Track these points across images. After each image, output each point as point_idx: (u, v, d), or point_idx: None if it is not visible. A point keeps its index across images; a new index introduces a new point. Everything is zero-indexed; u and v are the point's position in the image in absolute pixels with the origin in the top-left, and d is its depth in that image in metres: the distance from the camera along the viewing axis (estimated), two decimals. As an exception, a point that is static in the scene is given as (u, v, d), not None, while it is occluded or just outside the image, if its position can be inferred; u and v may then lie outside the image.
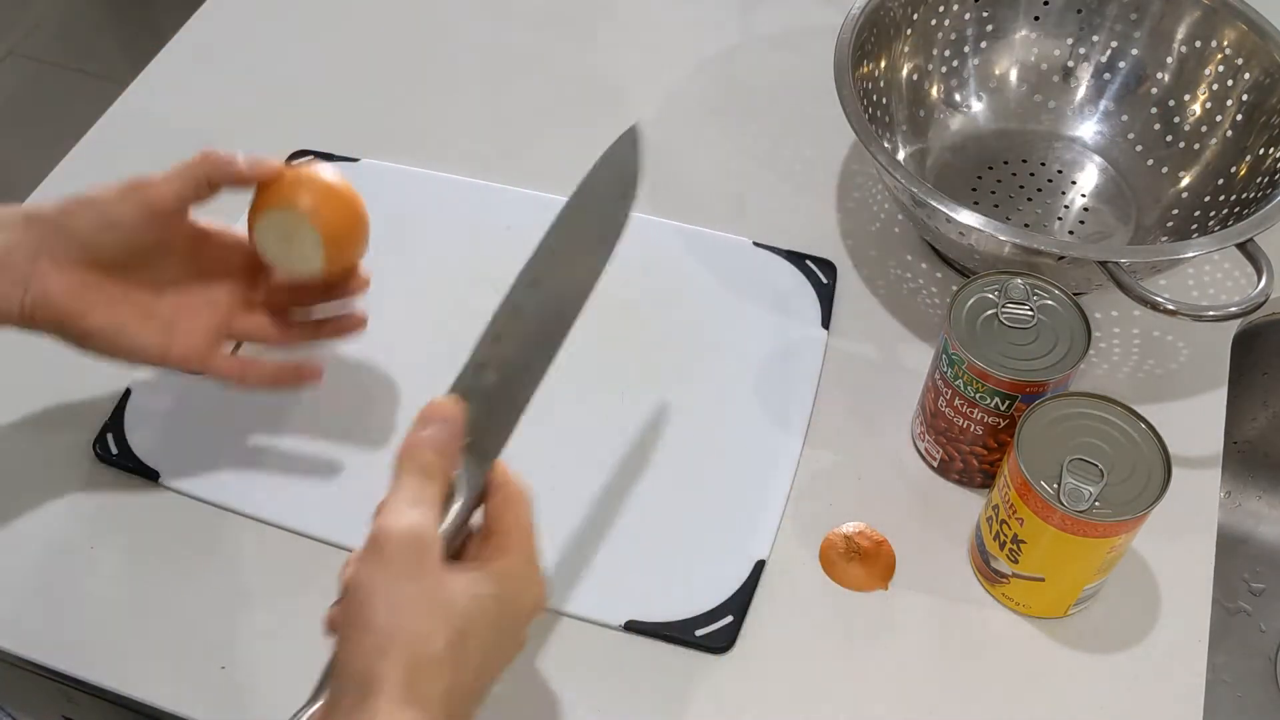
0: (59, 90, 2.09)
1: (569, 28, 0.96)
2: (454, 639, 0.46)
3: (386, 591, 0.47)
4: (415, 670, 0.45)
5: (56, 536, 0.67)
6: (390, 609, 0.46)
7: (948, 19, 0.82)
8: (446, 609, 0.47)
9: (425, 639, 0.46)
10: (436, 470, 0.51)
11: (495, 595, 0.49)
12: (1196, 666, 0.62)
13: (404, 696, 0.45)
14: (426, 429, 0.52)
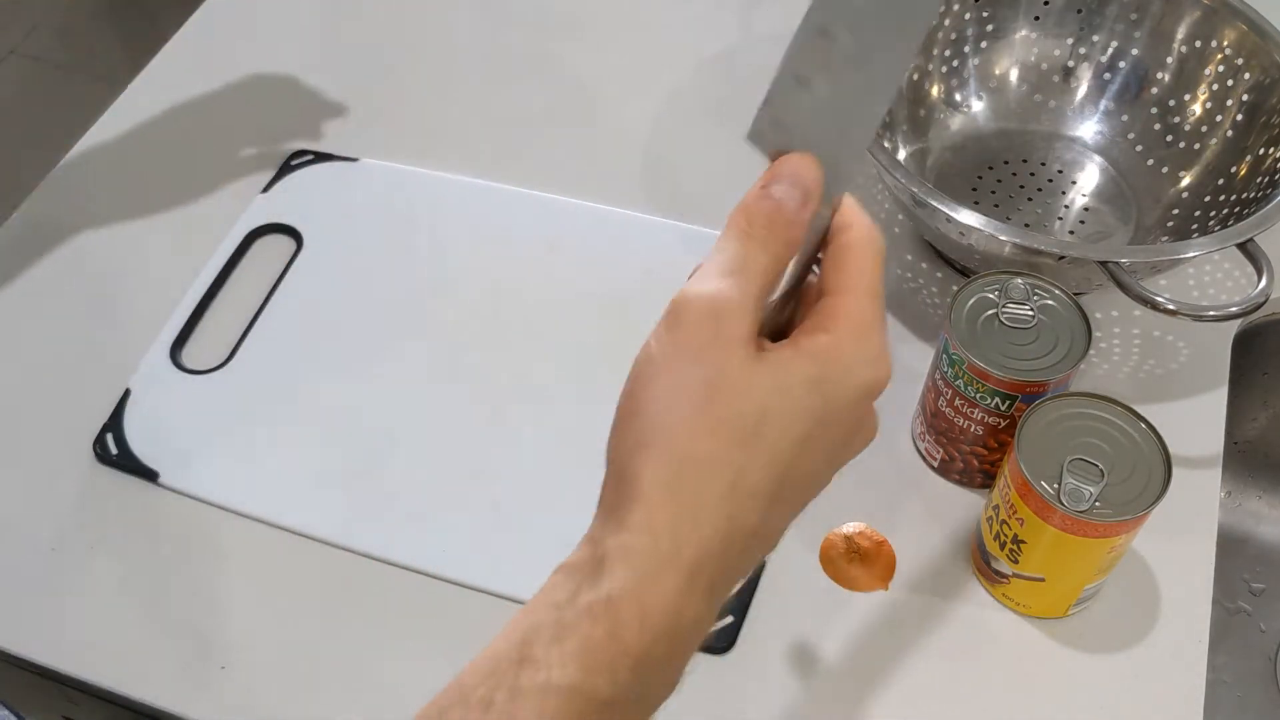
0: (59, 90, 2.09)
1: (569, 27, 0.96)
2: (740, 435, 0.38)
3: (669, 371, 0.40)
4: (681, 469, 0.38)
5: (56, 536, 0.67)
6: (667, 393, 0.39)
7: (948, 19, 0.82)
8: (735, 399, 0.38)
9: (696, 434, 0.38)
10: (769, 240, 0.41)
11: (810, 379, 0.40)
12: (1196, 666, 0.62)
13: (664, 498, 0.38)
14: (771, 190, 0.43)
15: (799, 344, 0.40)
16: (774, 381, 0.39)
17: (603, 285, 0.78)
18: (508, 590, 0.64)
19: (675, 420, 0.38)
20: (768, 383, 0.39)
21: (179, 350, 0.74)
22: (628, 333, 0.75)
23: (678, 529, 0.37)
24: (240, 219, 0.81)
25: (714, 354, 0.39)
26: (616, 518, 0.39)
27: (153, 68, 0.94)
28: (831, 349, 0.41)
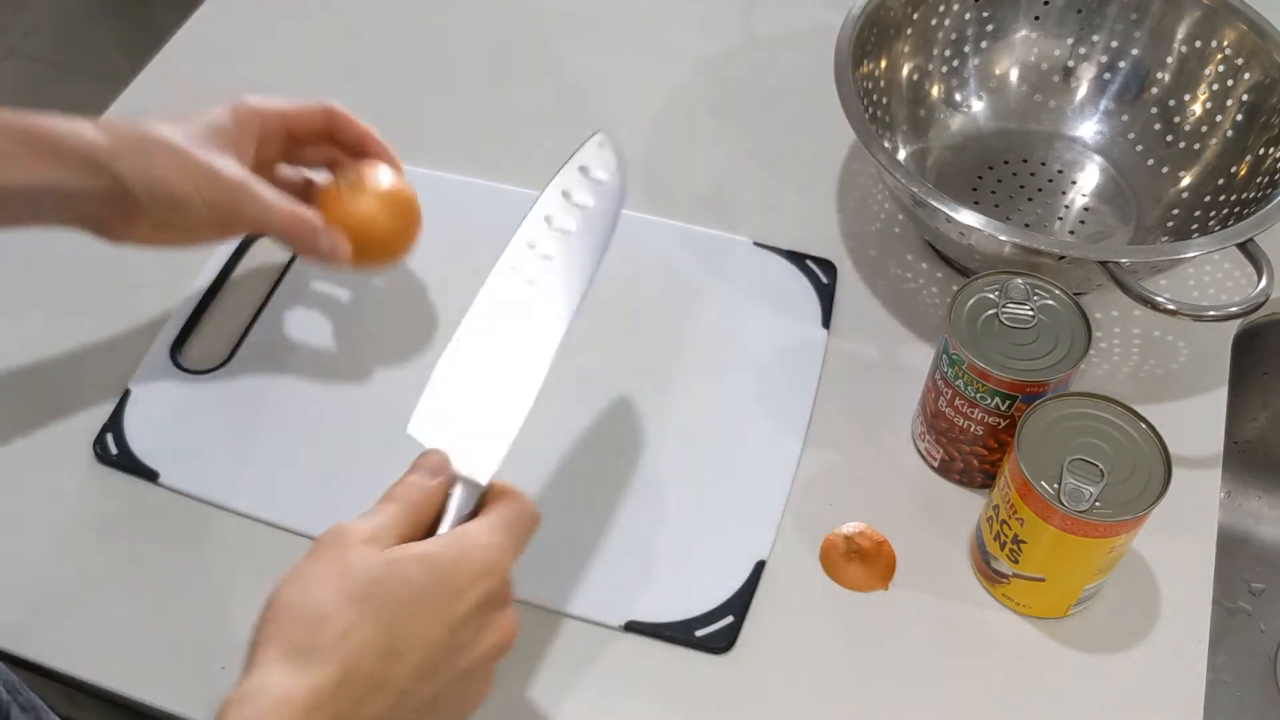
0: (59, 90, 2.09)
1: (569, 27, 0.96)
2: (351, 596, 0.44)
3: (301, 567, 0.47)
4: (295, 624, 0.44)
5: (56, 536, 0.67)
6: (289, 581, 0.46)
7: (948, 19, 0.82)
8: (349, 570, 0.45)
9: (316, 600, 0.44)
10: (404, 509, 0.50)
11: (420, 556, 0.47)
12: (1196, 666, 0.62)
13: (284, 652, 0.43)
14: (409, 477, 0.52)
15: (427, 542, 0.48)
16: (386, 558, 0.46)
17: (602, 285, 0.78)
18: (508, 590, 0.64)
19: (299, 593, 0.45)
20: (380, 559, 0.46)
21: (179, 350, 0.74)
22: (626, 332, 0.75)
23: (289, 674, 0.43)
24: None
25: (335, 551, 0.47)
26: (245, 672, 0.44)
27: (153, 68, 0.94)
28: (458, 537, 0.49)
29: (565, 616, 0.63)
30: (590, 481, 0.69)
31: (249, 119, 0.65)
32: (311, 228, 0.65)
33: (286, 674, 0.43)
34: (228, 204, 0.62)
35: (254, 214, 0.63)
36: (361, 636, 0.44)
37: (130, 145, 0.60)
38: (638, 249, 0.80)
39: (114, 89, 0.92)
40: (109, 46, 2.19)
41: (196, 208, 0.61)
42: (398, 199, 0.70)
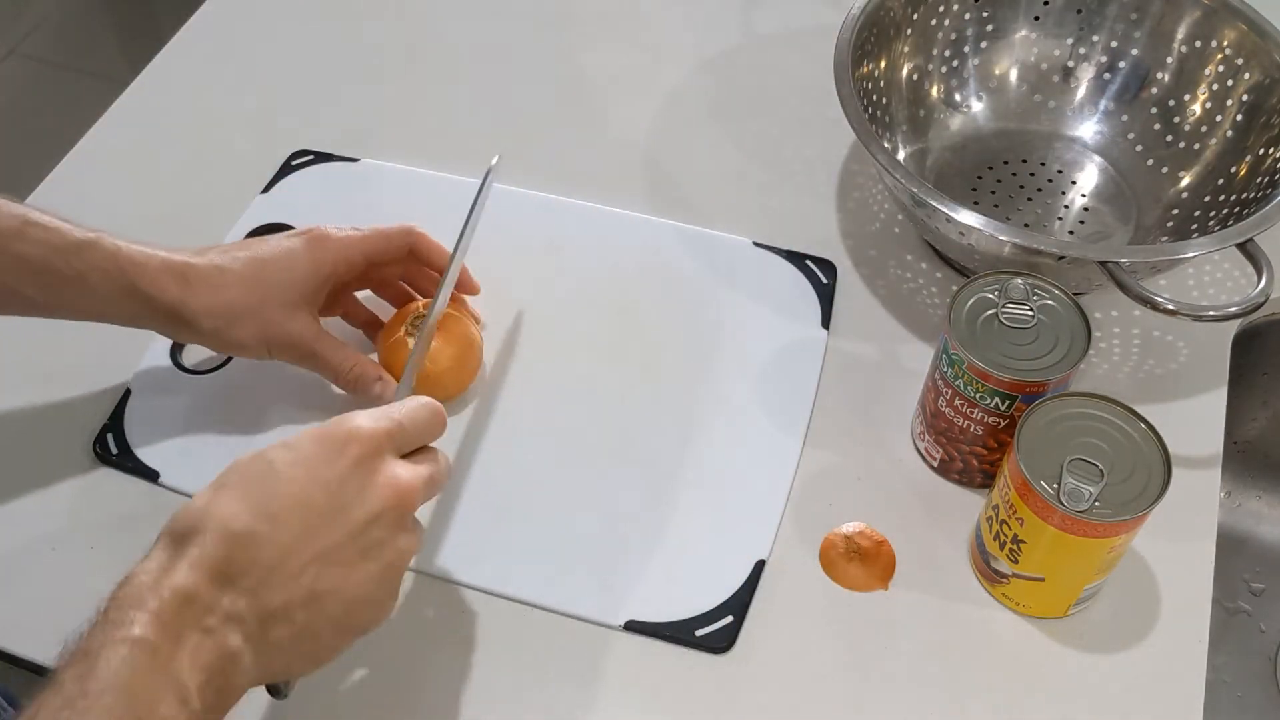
0: (59, 90, 2.09)
1: (569, 28, 0.96)
2: (226, 483, 0.48)
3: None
4: (186, 517, 0.47)
5: (56, 536, 0.67)
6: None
7: (948, 19, 0.82)
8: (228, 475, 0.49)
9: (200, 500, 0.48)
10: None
11: (287, 442, 0.50)
12: (1196, 666, 0.62)
13: (170, 538, 0.47)
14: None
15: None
16: (251, 457, 0.50)
17: (602, 285, 0.78)
18: (506, 589, 0.64)
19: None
20: (243, 462, 0.50)
21: (179, 350, 0.74)
22: (626, 332, 0.75)
23: (166, 553, 0.46)
24: (240, 219, 0.82)
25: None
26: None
27: (153, 68, 0.94)
28: (337, 419, 0.51)
29: (565, 616, 0.63)
30: (590, 481, 0.69)
31: (324, 260, 0.67)
32: (369, 382, 0.68)
33: (164, 552, 0.46)
34: (296, 361, 0.68)
35: (318, 370, 0.68)
36: (231, 510, 0.47)
37: (210, 306, 0.64)
38: (638, 249, 0.80)
39: (114, 89, 0.93)
40: (109, 46, 2.19)
41: (262, 352, 0.67)
42: (462, 345, 0.71)
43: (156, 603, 0.44)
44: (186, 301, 0.63)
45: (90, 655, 0.43)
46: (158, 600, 0.44)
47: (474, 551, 0.66)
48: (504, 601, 0.64)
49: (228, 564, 0.46)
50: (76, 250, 0.62)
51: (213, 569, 0.46)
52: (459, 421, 0.71)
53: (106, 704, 0.42)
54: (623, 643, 0.63)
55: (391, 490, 0.50)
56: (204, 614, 0.45)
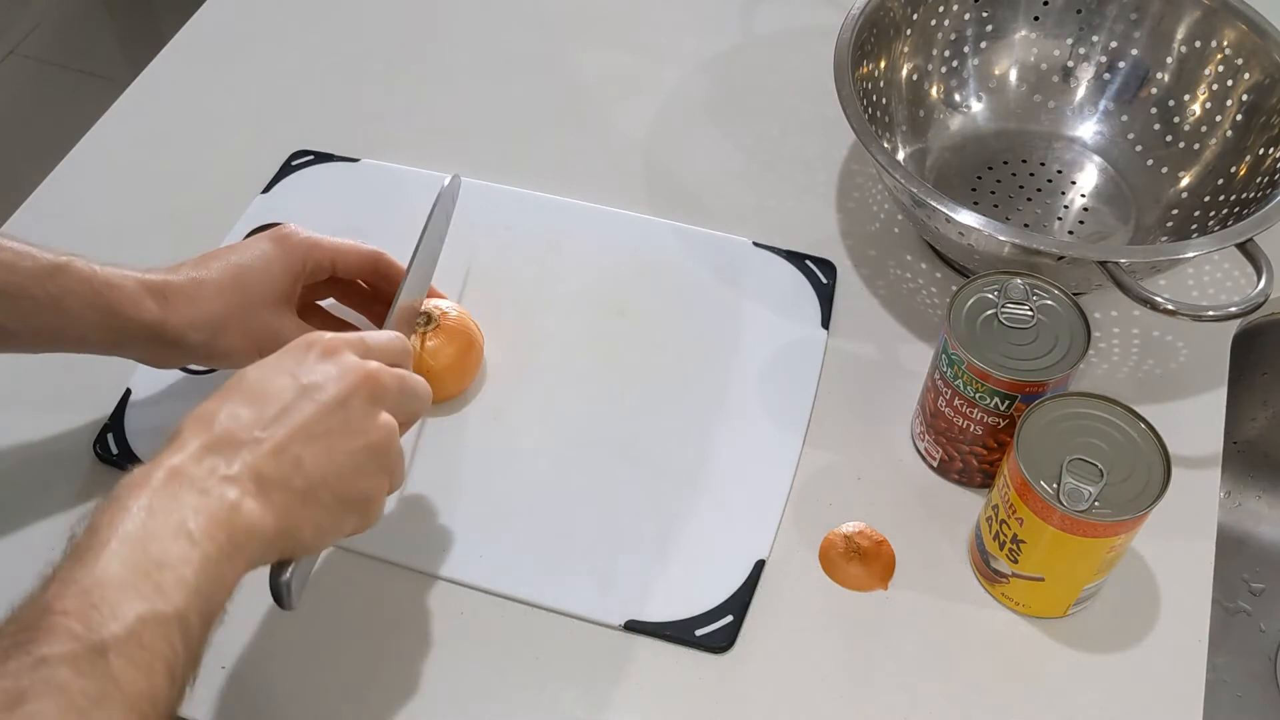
0: (59, 90, 2.09)
1: (569, 28, 0.96)
2: (228, 383, 0.53)
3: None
4: (189, 415, 0.51)
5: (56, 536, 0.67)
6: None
7: (948, 19, 0.82)
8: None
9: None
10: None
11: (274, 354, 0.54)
12: (1196, 666, 0.62)
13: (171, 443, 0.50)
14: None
15: None
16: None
17: (602, 285, 0.78)
18: (506, 589, 0.64)
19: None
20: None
21: (179, 350, 0.74)
22: (626, 332, 0.75)
23: (168, 451, 0.50)
24: (240, 219, 0.82)
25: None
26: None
27: (153, 68, 0.94)
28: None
29: (565, 616, 0.63)
30: (590, 481, 0.69)
31: (296, 256, 0.67)
32: None
33: (157, 456, 0.50)
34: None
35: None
36: (209, 402, 0.51)
37: (193, 319, 0.63)
38: (638, 249, 0.80)
39: (114, 89, 0.93)
40: (109, 46, 2.19)
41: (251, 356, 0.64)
42: (463, 343, 0.70)
43: (149, 483, 0.47)
44: (168, 319, 0.62)
45: (94, 529, 0.46)
46: (149, 481, 0.47)
47: (474, 551, 0.66)
48: (504, 601, 0.64)
49: (215, 440, 0.49)
50: (50, 274, 0.60)
51: (199, 448, 0.49)
52: (459, 421, 0.71)
53: (114, 549, 0.44)
54: (623, 643, 0.63)
55: (357, 371, 0.53)
56: (196, 479, 0.48)
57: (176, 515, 0.46)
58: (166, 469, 0.48)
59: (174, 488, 0.47)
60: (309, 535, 0.51)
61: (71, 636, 0.41)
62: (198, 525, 0.46)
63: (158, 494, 0.46)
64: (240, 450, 0.49)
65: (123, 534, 0.45)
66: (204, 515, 0.46)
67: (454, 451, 0.70)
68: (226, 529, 0.47)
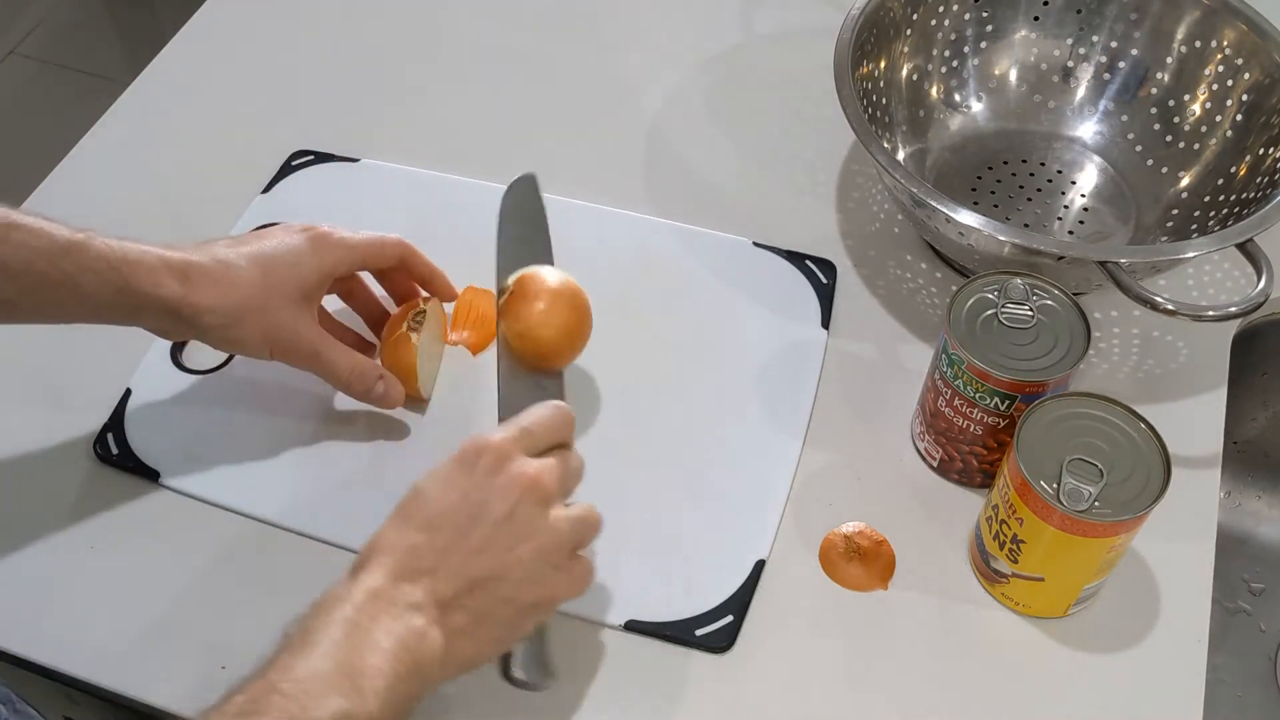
0: (59, 90, 2.09)
1: (569, 28, 0.96)
2: (406, 502, 0.55)
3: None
4: (376, 540, 0.54)
5: (56, 536, 0.67)
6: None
7: (948, 19, 0.82)
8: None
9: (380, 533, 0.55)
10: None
11: (446, 462, 0.56)
12: (1196, 666, 0.62)
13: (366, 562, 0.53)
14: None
15: None
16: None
17: (602, 285, 0.78)
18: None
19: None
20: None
21: (179, 350, 0.74)
22: (626, 332, 0.75)
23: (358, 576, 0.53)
24: (240, 219, 0.82)
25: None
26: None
27: (153, 68, 0.94)
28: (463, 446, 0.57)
29: (565, 616, 0.63)
30: (590, 481, 0.69)
31: (327, 259, 0.67)
32: (370, 381, 0.68)
33: (347, 575, 0.54)
34: (296, 362, 0.67)
35: (318, 370, 0.68)
36: (393, 528, 0.54)
37: (214, 303, 0.63)
38: (638, 249, 0.80)
39: (114, 89, 0.93)
40: (109, 46, 2.19)
41: (264, 353, 0.66)
42: (579, 311, 0.68)
43: (351, 599, 0.51)
44: (188, 298, 0.62)
45: (306, 631, 0.51)
46: (351, 598, 0.51)
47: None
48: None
49: (401, 569, 0.53)
50: (64, 252, 0.61)
51: (390, 573, 0.52)
52: (457, 419, 0.71)
53: (325, 650, 0.49)
54: (623, 643, 0.63)
55: (522, 480, 0.55)
56: (390, 603, 0.51)
57: (373, 634, 0.50)
58: (365, 590, 0.52)
59: (372, 609, 0.51)
60: (488, 649, 0.55)
61: (288, 715, 0.47)
62: (390, 646, 0.50)
63: (360, 611, 0.51)
64: (426, 577, 0.53)
65: (331, 640, 0.50)
66: (394, 638, 0.50)
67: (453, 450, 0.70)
68: (414, 654, 0.51)
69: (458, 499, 0.54)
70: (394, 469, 0.69)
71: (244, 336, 0.65)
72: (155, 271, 0.62)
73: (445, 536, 0.54)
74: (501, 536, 0.54)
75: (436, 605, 0.52)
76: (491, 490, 0.54)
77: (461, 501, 0.54)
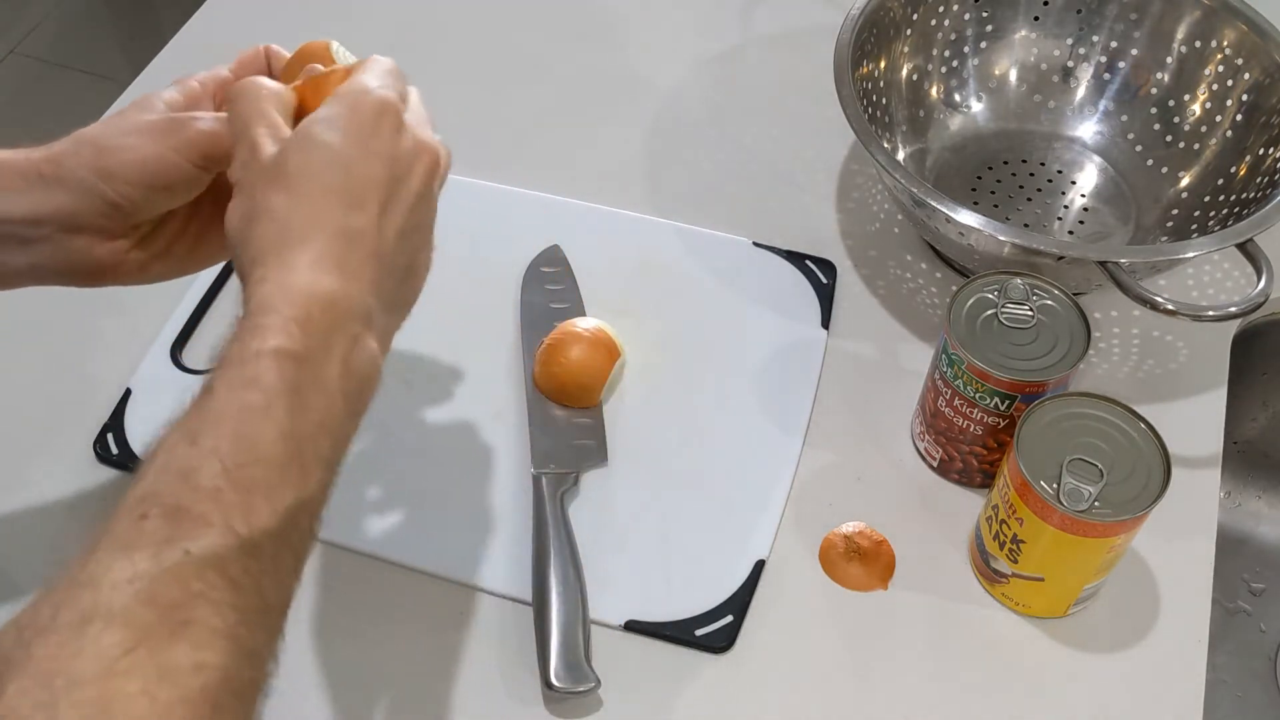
0: (59, 90, 2.09)
1: (570, 27, 0.96)
2: (294, 174, 0.47)
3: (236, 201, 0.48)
4: (273, 229, 0.46)
5: (56, 536, 0.67)
6: (237, 207, 0.48)
7: (948, 19, 0.82)
8: (280, 163, 0.47)
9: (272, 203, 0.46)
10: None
11: (323, 118, 0.48)
12: (1196, 666, 0.62)
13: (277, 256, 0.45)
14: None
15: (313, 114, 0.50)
16: (294, 138, 0.48)
17: (602, 285, 0.78)
18: (507, 589, 0.64)
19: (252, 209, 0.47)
20: (290, 141, 0.48)
21: (180, 350, 0.74)
22: (626, 332, 0.75)
23: (281, 269, 0.45)
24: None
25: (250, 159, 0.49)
26: (249, 287, 0.46)
27: (153, 68, 0.94)
28: (335, 99, 0.50)
29: (565, 616, 0.64)
30: (590, 481, 0.69)
31: (198, 89, 0.61)
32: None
33: (283, 264, 0.45)
34: (207, 141, 0.56)
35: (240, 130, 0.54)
36: (321, 202, 0.46)
37: (72, 147, 0.55)
38: (638, 249, 0.80)
39: (114, 89, 0.92)
40: (109, 46, 2.19)
41: (173, 163, 0.55)
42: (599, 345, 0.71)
43: (292, 310, 0.44)
44: (35, 155, 0.55)
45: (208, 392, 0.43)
46: (292, 308, 0.44)
47: (474, 550, 0.66)
48: (504, 601, 0.64)
49: (342, 263, 0.46)
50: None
51: (334, 269, 0.46)
52: (457, 420, 0.71)
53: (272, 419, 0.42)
54: (623, 643, 0.63)
55: (431, 150, 0.52)
56: (344, 317, 0.45)
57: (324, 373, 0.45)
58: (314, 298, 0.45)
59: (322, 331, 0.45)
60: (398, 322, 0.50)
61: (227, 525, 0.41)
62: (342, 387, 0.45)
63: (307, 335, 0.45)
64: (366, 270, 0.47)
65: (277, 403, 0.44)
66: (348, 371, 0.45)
67: (453, 451, 0.70)
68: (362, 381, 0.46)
69: (381, 168, 0.48)
70: (394, 466, 0.69)
71: (124, 149, 0.55)
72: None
73: (372, 215, 0.47)
74: (418, 215, 0.50)
75: (382, 307, 0.47)
76: (408, 161, 0.50)
77: (385, 171, 0.48)
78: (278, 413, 0.42)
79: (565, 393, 0.70)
